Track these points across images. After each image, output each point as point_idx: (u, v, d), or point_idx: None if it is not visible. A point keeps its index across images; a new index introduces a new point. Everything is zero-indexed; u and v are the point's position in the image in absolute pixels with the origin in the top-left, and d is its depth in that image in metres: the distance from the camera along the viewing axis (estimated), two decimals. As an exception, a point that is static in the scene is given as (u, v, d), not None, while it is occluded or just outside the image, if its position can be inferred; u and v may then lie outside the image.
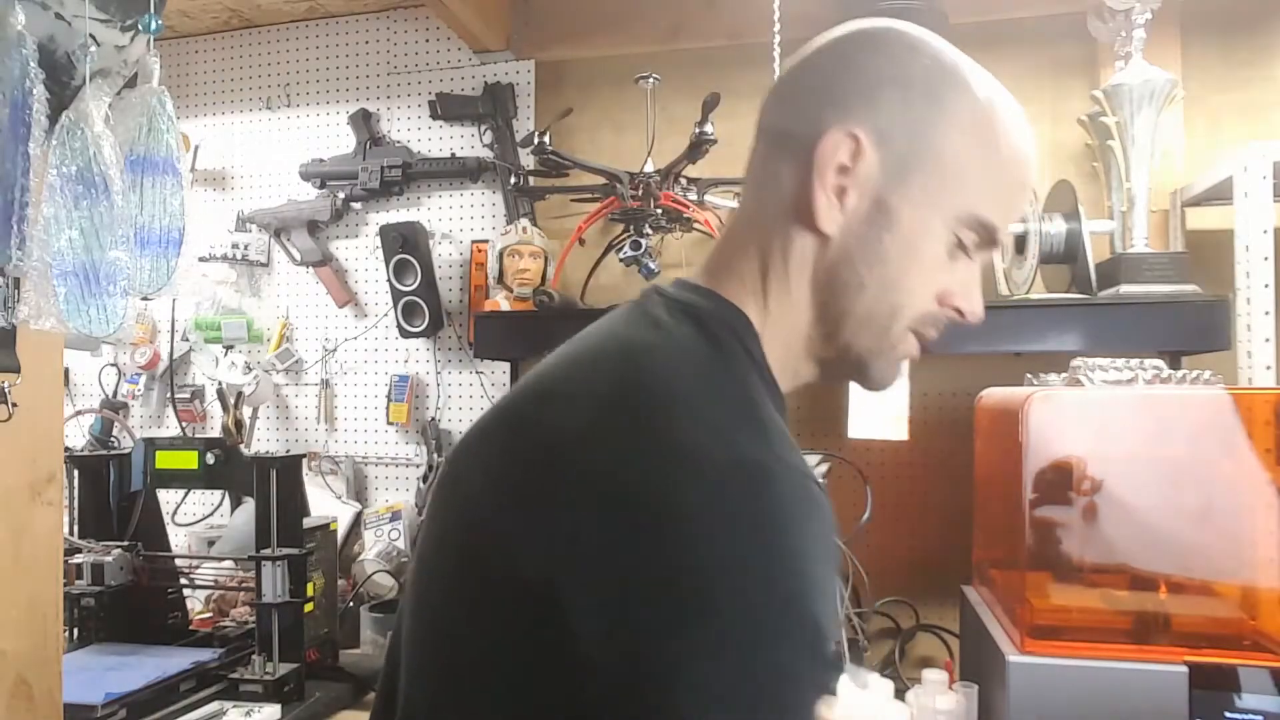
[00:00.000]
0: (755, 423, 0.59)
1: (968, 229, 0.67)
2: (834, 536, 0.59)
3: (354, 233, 2.31)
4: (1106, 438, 1.30)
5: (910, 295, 0.68)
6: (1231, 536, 1.24)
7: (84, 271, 1.17)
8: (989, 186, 0.67)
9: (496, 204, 2.19)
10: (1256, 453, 1.22)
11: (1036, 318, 1.57)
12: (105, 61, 1.24)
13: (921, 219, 0.66)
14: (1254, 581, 1.22)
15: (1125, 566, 1.26)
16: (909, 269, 0.67)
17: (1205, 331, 1.49)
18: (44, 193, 1.14)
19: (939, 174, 0.66)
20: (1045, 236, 1.64)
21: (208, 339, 2.30)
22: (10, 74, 1.10)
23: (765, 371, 0.67)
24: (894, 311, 0.68)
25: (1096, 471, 1.26)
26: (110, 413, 2.32)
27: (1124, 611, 1.25)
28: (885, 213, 0.66)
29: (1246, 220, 1.48)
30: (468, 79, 2.23)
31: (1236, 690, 1.11)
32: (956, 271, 0.69)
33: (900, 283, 0.67)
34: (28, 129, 1.12)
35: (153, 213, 1.25)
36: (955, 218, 0.67)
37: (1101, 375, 1.29)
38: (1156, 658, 1.15)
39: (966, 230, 0.67)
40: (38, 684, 1.24)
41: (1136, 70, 1.62)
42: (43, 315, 1.14)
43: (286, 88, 2.37)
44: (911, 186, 0.66)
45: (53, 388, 1.32)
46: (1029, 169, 0.70)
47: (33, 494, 1.26)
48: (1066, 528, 1.27)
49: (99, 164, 1.17)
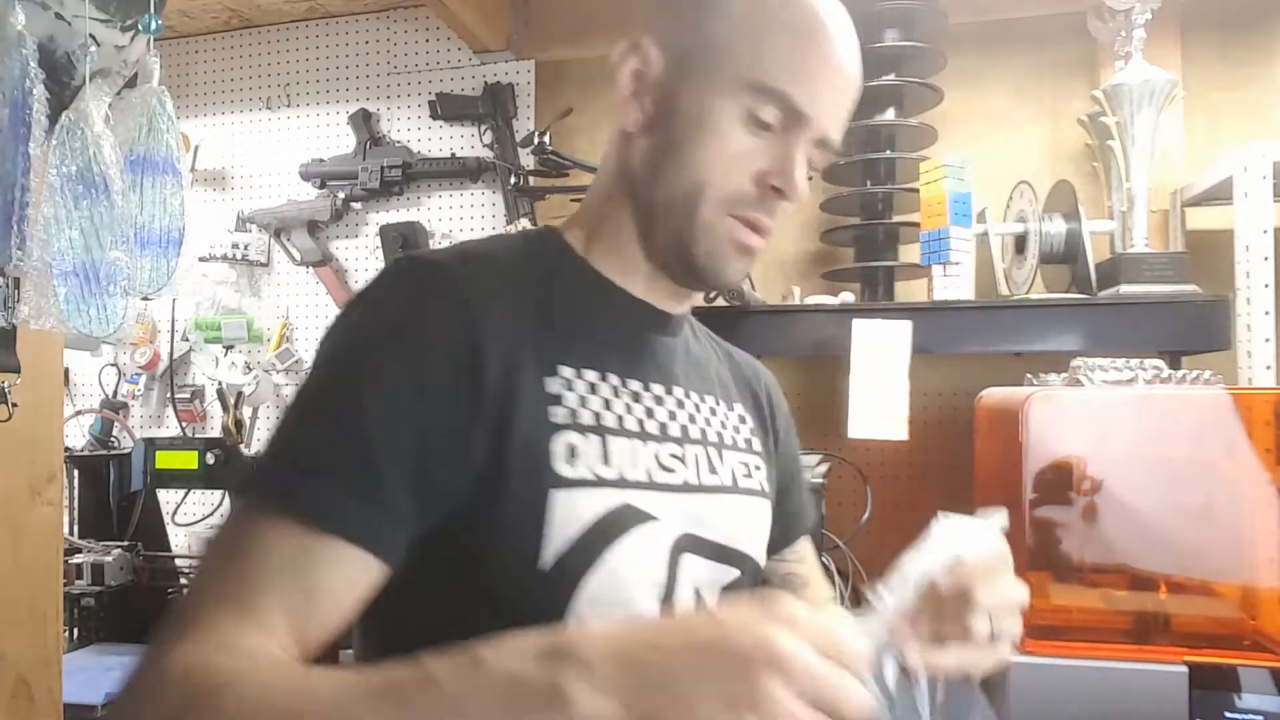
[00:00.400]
0: (463, 252, 0.72)
1: (756, 100, 0.69)
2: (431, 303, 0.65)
3: (354, 233, 2.31)
4: (1106, 438, 1.30)
5: (708, 174, 0.70)
6: (1231, 536, 1.24)
7: (84, 271, 1.17)
8: (765, 51, 0.69)
9: (496, 204, 2.19)
10: (1256, 453, 1.22)
11: (1036, 318, 1.57)
12: (105, 61, 1.24)
13: (702, 99, 0.70)
14: (1254, 581, 1.23)
15: (1125, 566, 1.26)
16: (699, 148, 0.70)
17: (1205, 331, 1.49)
18: (44, 193, 1.14)
19: (713, 52, 0.70)
20: (1045, 236, 1.64)
21: (208, 339, 2.30)
22: (10, 74, 1.11)
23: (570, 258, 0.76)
24: (693, 191, 0.70)
25: (1096, 471, 1.26)
26: (110, 413, 2.32)
27: (1124, 611, 1.25)
28: (672, 101, 0.72)
29: (1246, 220, 1.48)
30: (468, 79, 2.22)
31: (1236, 690, 1.11)
32: (768, 150, 0.70)
33: (692, 163, 0.70)
34: (28, 129, 1.12)
35: (153, 213, 1.25)
36: (736, 89, 0.69)
37: (1101, 375, 1.29)
38: (1156, 658, 1.15)
39: (755, 101, 0.69)
40: (38, 684, 1.24)
41: (1136, 70, 1.62)
42: (43, 315, 1.14)
43: (286, 88, 2.37)
44: (692, 73, 0.71)
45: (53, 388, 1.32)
46: (810, 30, 0.71)
47: (33, 494, 1.27)
48: (1066, 528, 1.27)
49: (99, 164, 1.17)
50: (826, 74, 0.71)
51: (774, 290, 1.96)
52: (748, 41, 0.70)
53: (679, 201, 0.71)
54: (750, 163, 0.70)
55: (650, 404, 0.73)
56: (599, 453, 0.67)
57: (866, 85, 1.73)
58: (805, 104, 0.70)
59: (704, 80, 0.70)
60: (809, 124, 0.70)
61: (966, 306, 1.60)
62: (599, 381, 0.71)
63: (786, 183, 0.70)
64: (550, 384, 0.67)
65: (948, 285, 1.62)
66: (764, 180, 0.70)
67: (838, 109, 0.73)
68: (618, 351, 0.73)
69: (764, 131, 0.70)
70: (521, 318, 0.68)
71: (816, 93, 0.70)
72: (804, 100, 0.69)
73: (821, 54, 0.71)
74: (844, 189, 1.84)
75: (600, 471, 0.67)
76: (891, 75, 1.75)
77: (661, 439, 0.73)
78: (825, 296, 1.77)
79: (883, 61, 1.76)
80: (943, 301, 1.61)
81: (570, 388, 0.68)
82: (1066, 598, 1.28)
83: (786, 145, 0.70)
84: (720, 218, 0.71)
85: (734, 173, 0.70)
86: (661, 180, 0.72)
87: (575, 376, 0.69)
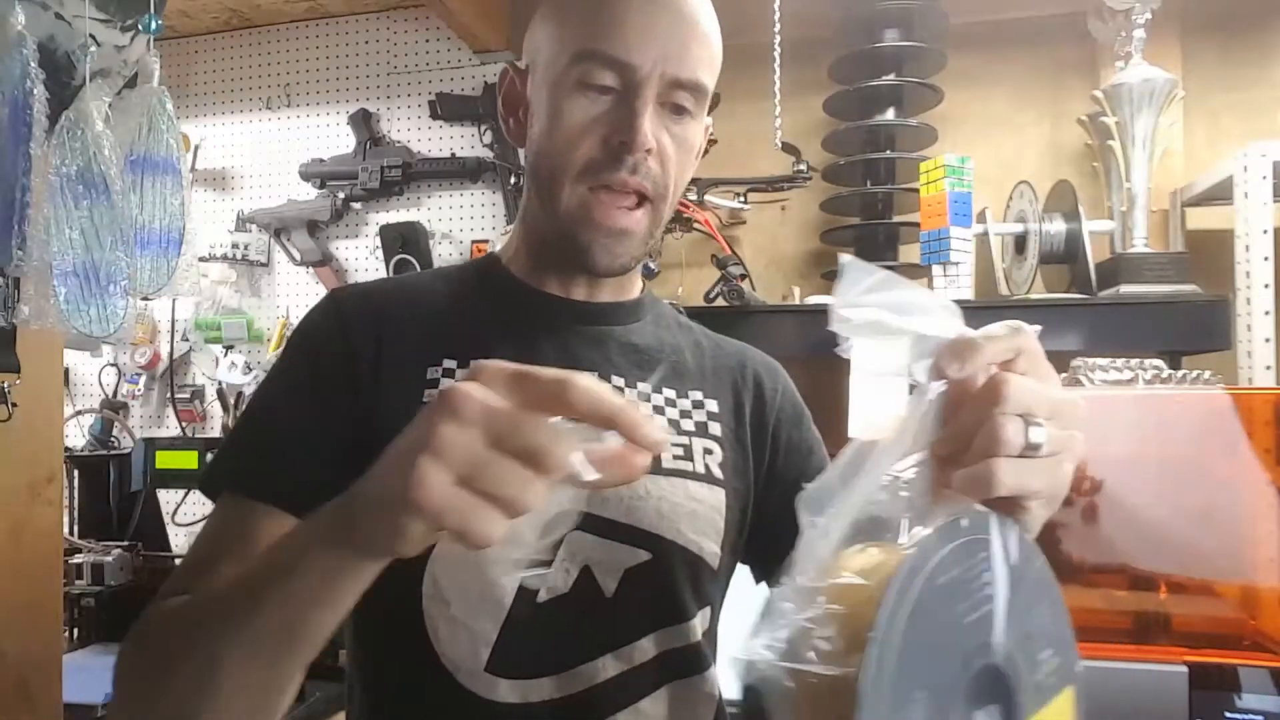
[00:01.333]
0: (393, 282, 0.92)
1: (585, 68, 0.71)
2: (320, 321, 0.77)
3: (354, 233, 2.31)
4: (1106, 438, 1.30)
5: (561, 154, 0.73)
6: (1231, 536, 1.24)
7: (84, 271, 1.17)
8: (577, 19, 0.73)
9: (496, 204, 2.19)
10: (1256, 453, 1.22)
11: (1036, 318, 1.55)
12: (105, 61, 1.24)
13: (544, 89, 0.74)
14: (1254, 581, 1.22)
15: (1125, 566, 1.26)
16: (551, 132, 0.73)
17: (1205, 331, 1.49)
18: (44, 193, 1.14)
19: (544, 44, 0.75)
20: (1045, 236, 1.64)
21: (208, 339, 2.30)
22: (10, 74, 1.11)
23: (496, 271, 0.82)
24: (553, 175, 0.74)
25: (1096, 471, 1.26)
26: (110, 413, 2.32)
27: (1124, 611, 1.25)
28: (529, 105, 0.77)
29: (1246, 220, 1.48)
30: (468, 79, 2.22)
31: (1236, 690, 1.11)
32: (610, 112, 0.72)
33: (546, 147, 0.74)
34: (28, 129, 1.12)
35: (153, 213, 1.25)
36: (564, 65, 0.72)
37: (1101, 375, 1.29)
38: (1156, 658, 1.15)
39: (585, 69, 0.71)
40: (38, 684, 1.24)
41: (1136, 70, 1.62)
42: (43, 315, 1.14)
43: (286, 88, 2.37)
44: (536, 70, 0.76)
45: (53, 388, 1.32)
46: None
47: (33, 494, 1.27)
48: (1066, 528, 1.27)
49: (99, 164, 1.17)
50: (638, 17, 0.71)
51: (774, 290, 1.96)
52: (561, 19, 0.74)
53: (546, 190, 0.75)
54: (595, 130, 0.72)
55: None
56: None
57: (867, 85, 1.75)
58: (624, 53, 0.70)
59: (543, 72, 0.74)
60: (638, 71, 0.70)
61: (966, 306, 1.58)
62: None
63: (627, 133, 0.70)
64: (431, 372, 0.74)
65: (948, 285, 1.62)
66: (609, 140, 0.71)
67: (669, 44, 0.71)
68: (515, 341, 0.77)
69: (604, 96, 0.71)
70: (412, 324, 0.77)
71: (632, 38, 0.70)
72: (622, 50, 0.70)
73: (629, 1, 0.72)
74: (844, 189, 1.84)
75: None
76: (891, 75, 1.75)
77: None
78: (825, 296, 1.77)
79: (883, 61, 1.76)
80: (943, 301, 1.61)
81: (451, 375, 0.74)
82: (1066, 598, 1.28)
83: (628, 102, 0.71)
84: (579, 196, 0.73)
85: (579, 145, 0.72)
86: (533, 177, 0.77)
87: (458, 366, 0.74)
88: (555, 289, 0.80)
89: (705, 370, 0.85)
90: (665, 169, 0.73)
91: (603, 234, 0.73)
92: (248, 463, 0.72)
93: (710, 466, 0.79)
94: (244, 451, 0.74)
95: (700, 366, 0.85)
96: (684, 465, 0.77)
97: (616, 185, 0.72)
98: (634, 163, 0.71)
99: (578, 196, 0.72)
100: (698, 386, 0.83)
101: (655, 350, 0.83)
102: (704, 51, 0.74)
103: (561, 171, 0.72)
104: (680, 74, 0.72)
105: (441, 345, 0.75)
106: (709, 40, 0.74)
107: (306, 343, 0.77)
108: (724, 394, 0.84)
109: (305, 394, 0.73)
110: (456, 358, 0.75)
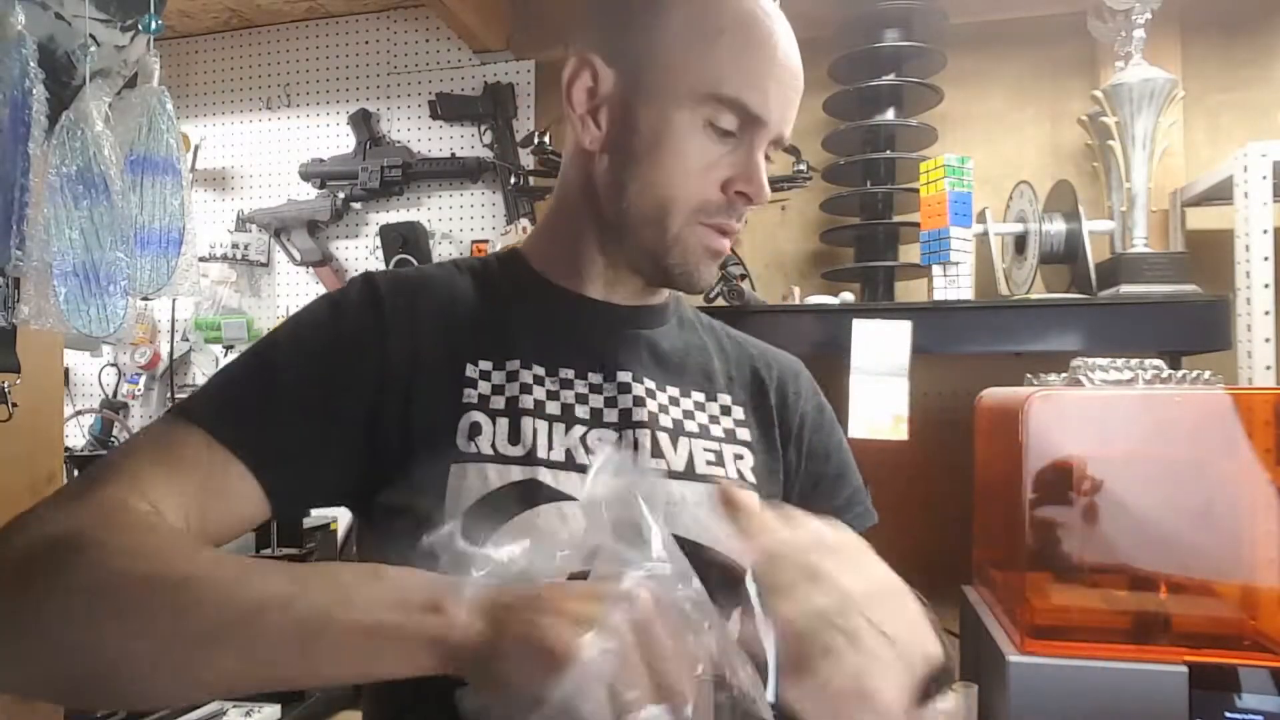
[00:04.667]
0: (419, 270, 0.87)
1: (714, 109, 0.71)
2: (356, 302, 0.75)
3: (354, 233, 2.31)
4: (1106, 438, 1.30)
5: (677, 188, 0.72)
6: (1231, 536, 1.24)
7: (84, 271, 1.17)
8: (717, 60, 0.71)
9: (497, 204, 2.19)
10: (1256, 453, 1.22)
11: (1036, 318, 1.57)
12: (105, 61, 1.24)
13: (659, 113, 0.72)
14: (1254, 581, 1.22)
15: (1125, 566, 1.26)
16: (663, 163, 0.72)
17: (1205, 331, 1.49)
18: (44, 193, 1.14)
19: (664, 66, 0.72)
20: (1045, 236, 1.64)
21: (208, 339, 2.30)
22: (10, 74, 1.11)
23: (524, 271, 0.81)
24: (663, 206, 0.73)
25: (1096, 471, 1.26)
26: (110, 413, 2.32)
27: (1124, 611, 1.25)
28: (629, 117, 0.73)
29: (1246, 220, 1.48)
30: (468, 79, 2.22)
31: (1236, 690, 1.11)
32: (730, 157, 0.73)
33: (658, 178, 0.72)
34: (28, 129, 1.12)
35: (153, 213, 1.25)
36: (694, 101, 0.71)
37: (1101, 375, 1.29)
38: (1156, 658, 1.15)
39: (713, 111, 0.71)
40: (38, 684, 1.24)
41: (1136, 70, 1.62)
42: (43, 315, 1.14)
43: (286, 88, 2.37)
44: (646, 87, 0.73)
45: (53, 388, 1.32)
46: (756, 34, 0.72)
47: (33, 494, 1.26)
48: (1066, 528, 1.27)
49: (99, 164, 1.17)
50: (775, 74, 0.73)
51: (774, 290, 1.96)
52: (698, 52, 0.72)
53: (650, 216, 0.74)
54: (715, 172, 0.73)
55: (583, 390, 0.76)
56: (506, 432, 0.71)
57: (867, 85, 1.75)
58: (760, 108, 0.72)
59: (659, 94, 0.72)
60: (766, 126, 0.73)
61: (966, 306, 1.60)
62: (520, 370, 0.74)
63: (752, 187, 0.73)
64: (469, 370, 0.74)
65: (948, 285, 1.62)
66: (730, 188, 0.73)
67: (789, 107, 0.75)
68: (550, 344, 0.77)
69: (725, 139, 0.72)
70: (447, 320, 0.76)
71: (769, 95, 0.72)
72: (759, 105, 0.72)
73: (769, 56, 0.73)
74: (844, 189, 1.84)
75: (504, 449, 0.71)
76: (891, 75, 1.75)
77: (591, 423, 0.74)
78: (825, 296, 1.77)
79: (883, 61, 1.76)
80: (943, 301, 1.61)
81: (488, 377, 0.73)
82: (1066, 598, 1.28)
83: (748, 151, 0.73)
84: (691, 228, 0.74)
85: (701, 184, 0.73)
86: (627, 196, 0.74)
87: (493, 367, 0.74)
88: (598, 293, 0.80)
89: (731, 373, 0.86)
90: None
91: (708, 258, 0.76)
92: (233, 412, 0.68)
93: (743, 472, 0.79)
94: (232, 398, 0.70)
95: (726, 369, 0.86)
96: (716, 470, 0.77)
97: (727, 229, 0.75)
98: (744, 212, 0.75)
99: (687, 229, 0.74)
100: (725, 390, 0.84)
101: (683, 354, 0.83)
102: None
103: (674, 204, 0.73)
104: (784, 132, 0.75)
105: (474, 345, 0.75)
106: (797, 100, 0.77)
107: (336, 313, 0.74)
108: (750, 397, 0.85)
109: (319, 363, 0.71)
110: (491, 359, 0.75)
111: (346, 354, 0.72)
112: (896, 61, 1.77)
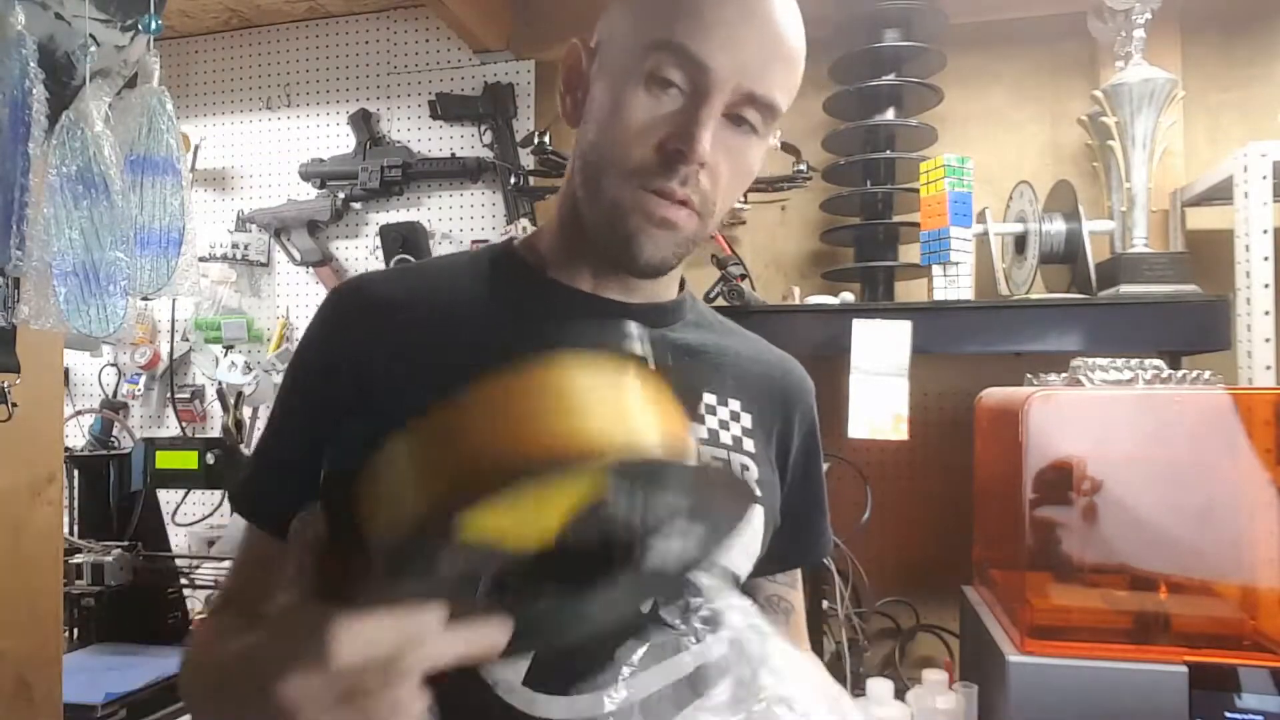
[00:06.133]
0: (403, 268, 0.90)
1: (655, 59, 0.66)
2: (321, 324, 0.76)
3: (354, 233, 2.31)
4: (1106, 438, 1.30)
5: (610, 149, 0.68)
6: (1231, 536, 1.24)
7: (84, 271, 1.17)
8: (657, 5, 0.68)
9: (496, 204, 2.19)
10: (1256, 453, 1.22)
11: (1036, 318, 1.57)
12: (105, 61, 1.24)
13: (610, 76, 0.70)
14: (1254, 581, 1.22)
15: (1125, 566, 1.26)
16: (604, 124, 0.69)
17: (1205, 331, 1.49)
18: (44, 193, 1.14)
19: (610, 31, 0.72)
20: (1045, 236, 1.64)
21: (208, 339, 2.30)
22: (10, 74, 1.11)
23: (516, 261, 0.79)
24: (603, 166, 0.69)
25: (1096, 471, 1.26)
26: (110, 413, 2.32)
27: (1124, 611, 1.25)
28: (594, 88, 0.72)
29: (1246, 220, 1.48)
30: (468, 79, 2.22)
31: (1236, 690, 1.11)
32: (673, 115, 0.66)
33: (599, 140, 0.69)
34: (28, 129, 1.12)
35: (153, 213, 1.25)
36: (639, 55, 0.67)
37: (1101, 375, 1.29)
38: (1156, 658, 1.15)
39: (655, 61, 0.66)
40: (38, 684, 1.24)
41: (1136, 70, 1.62)
42: (43, 315, 1.14)
43: (286, 88, 2.37)
44: (606, 53, 0.71)
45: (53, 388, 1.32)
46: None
47: (33, 494, 1.27)
48: (1066, 528, 1.27)
49: (99, 164, 1.17)
50: (727, 19, 0.65)
51: (774, 290, 1.96)
52: (644, 4, 0.69)
53: (593, 179, 0.70)
54: (652, 131, 0.67)
55: None
56: None
57: (867, 85, 1.75)
58: (702, 51, 0.65)
59: (613, 57, 0.70)
60: (712, 74, 0.65)
61: (966, 306, 1.60)
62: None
63: (685, 142, 0.65)
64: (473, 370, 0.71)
65: (948, 285, 1.62)
66: (666, 145, 0.66)
67: (751, 55, 0.66)
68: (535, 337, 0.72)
69: (667, 93, 0.66)
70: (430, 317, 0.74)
71: (712, 37, 0.65)
72: (698, 46, 0.65)
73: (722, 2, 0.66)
74: (844, 189, 1.84)
75: None
76: (891, 75, 1.75)
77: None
78: (825, 296, 1.77)
79: (883, 61, 1.76)
80: (943, 301, 1.61)
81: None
82: (1066, 598, 1.28)
83: (691, 104, 0.66)
84: (627, 193, 0.68)
85: (635, 144, 0.67)
86: (587, 165, 0.71)
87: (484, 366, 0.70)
88: (587, 286, 0.76)
89: (744, 380, 0.82)
90: (715, 186, 0.69)
91: (650, 226, 0.68)
92: (244, 487, 0.78)
93: (749, 484, 0.76)
94: (245, 476, 0.79)
95: (739, 375, 0.82)
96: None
97: (665, 193, 0.67)
98: (685, 174, 0.67)
99: (621, 194, 0.68)
100: (736, 395, 0.80)
101: (690, 354, 0.80)
102: (786, 71, 0.69)
103: (611, 166, 0.68)
104: (756, 89, 0.67)
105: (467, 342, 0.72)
106: (794, 60, 0.70)
107: (298, 362, 0.78)
108: (759, 408, 0.81)
109: (295, 417, 0.76)
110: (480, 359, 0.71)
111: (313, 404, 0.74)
112: (896, 61, 1.77)
